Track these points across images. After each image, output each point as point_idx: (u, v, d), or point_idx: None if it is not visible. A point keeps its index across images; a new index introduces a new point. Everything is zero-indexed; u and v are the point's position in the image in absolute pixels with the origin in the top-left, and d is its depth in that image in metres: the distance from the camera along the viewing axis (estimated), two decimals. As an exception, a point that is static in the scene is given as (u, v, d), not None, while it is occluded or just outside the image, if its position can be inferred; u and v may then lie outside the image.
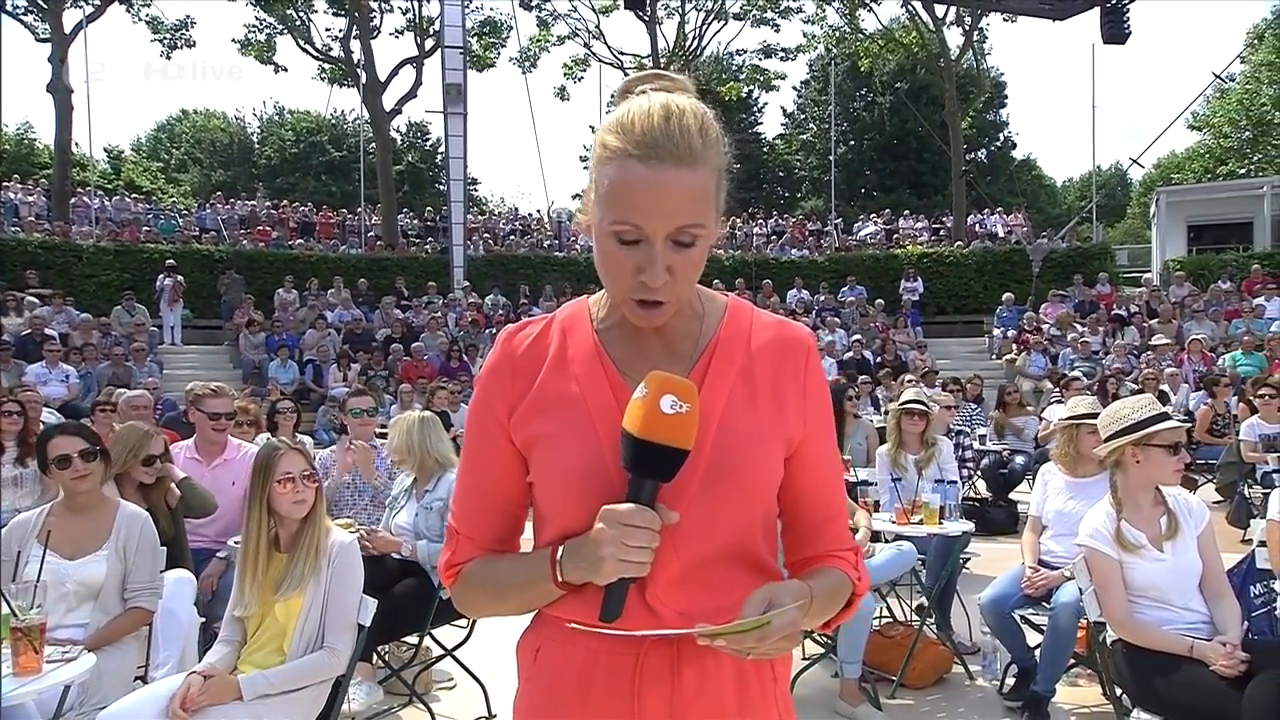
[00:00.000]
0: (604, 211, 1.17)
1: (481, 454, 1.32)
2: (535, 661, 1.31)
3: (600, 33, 25.89)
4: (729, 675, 1.26)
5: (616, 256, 1.18)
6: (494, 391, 1.30)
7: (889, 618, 4.98)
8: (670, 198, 1.14)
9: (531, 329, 1.33)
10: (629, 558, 1.12)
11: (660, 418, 1.12)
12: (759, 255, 21.98)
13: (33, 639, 2.51)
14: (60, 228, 20.05)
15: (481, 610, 1.37)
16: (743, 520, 1.25)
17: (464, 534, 1.35)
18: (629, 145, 1.15)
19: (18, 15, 23.01)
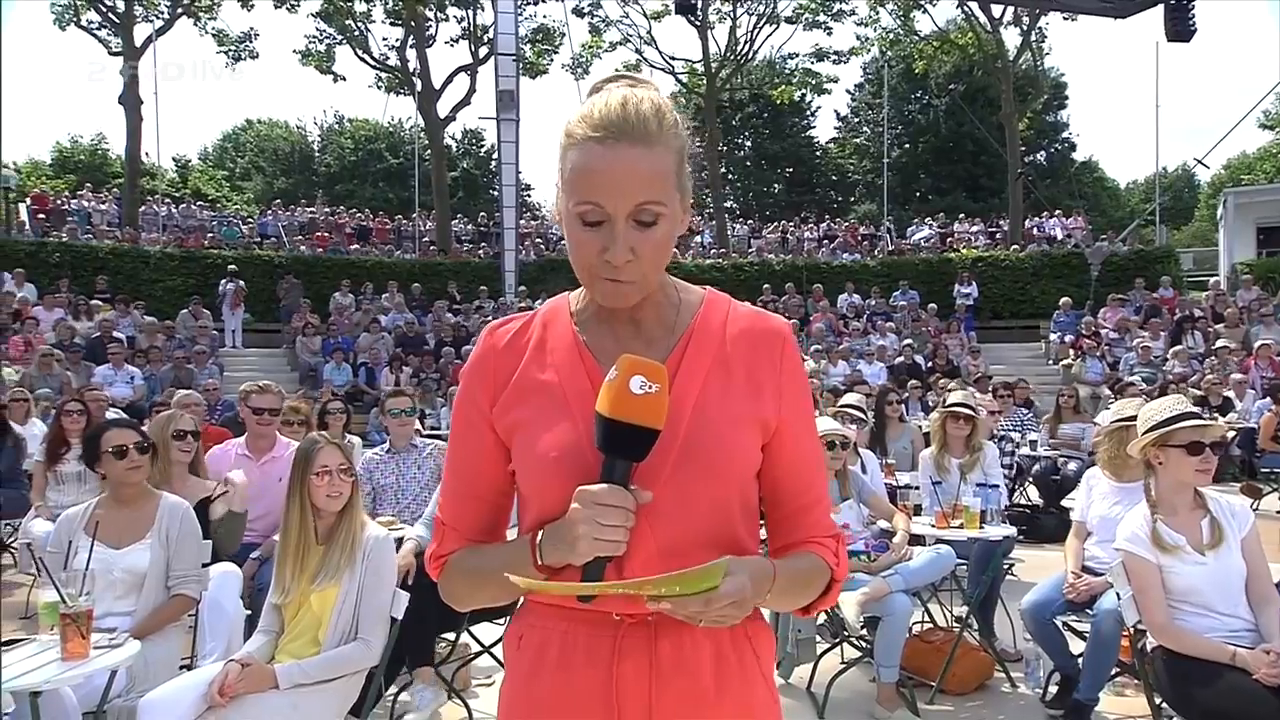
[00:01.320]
0: (568, 196, 1.22)
1: (465, 445, 1.36)
2: (519, 649, 1.35)
3: (652, 38, 26.04)
4: (707, 654, 1.27)
5: (581, 239, 1.22)
6: (476, 383, 1.34)
7: (929, 622, 4.91)
8: (629, 176, 1.18)
9: (513, 324, 1.37)
10: (603, 536, 1.14)
11: (629, 398, 1.15)
12: (810, 260, 21.84)
13: (80, 625, 2.62)
14: (129, 235, 20.75)
15: (468, 599, 1.38)
16: (718, 502, 1.26)
17: (450, 525, 1.38)
18: (588, 129, 1.20)
19: (92, 30, 23.89)
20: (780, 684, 4.55)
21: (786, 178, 41.84)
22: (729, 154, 42.10)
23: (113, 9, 23.30)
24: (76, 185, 29.43)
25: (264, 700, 2.72)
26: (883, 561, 4.29)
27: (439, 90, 24.25)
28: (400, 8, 24.53)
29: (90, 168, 37.82)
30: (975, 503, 4.49)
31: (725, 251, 23.14)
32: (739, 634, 1.31)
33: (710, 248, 23.89)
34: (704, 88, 26.04)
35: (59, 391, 10.59)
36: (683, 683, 1.26)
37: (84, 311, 15.64)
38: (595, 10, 26.17)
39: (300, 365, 15.77)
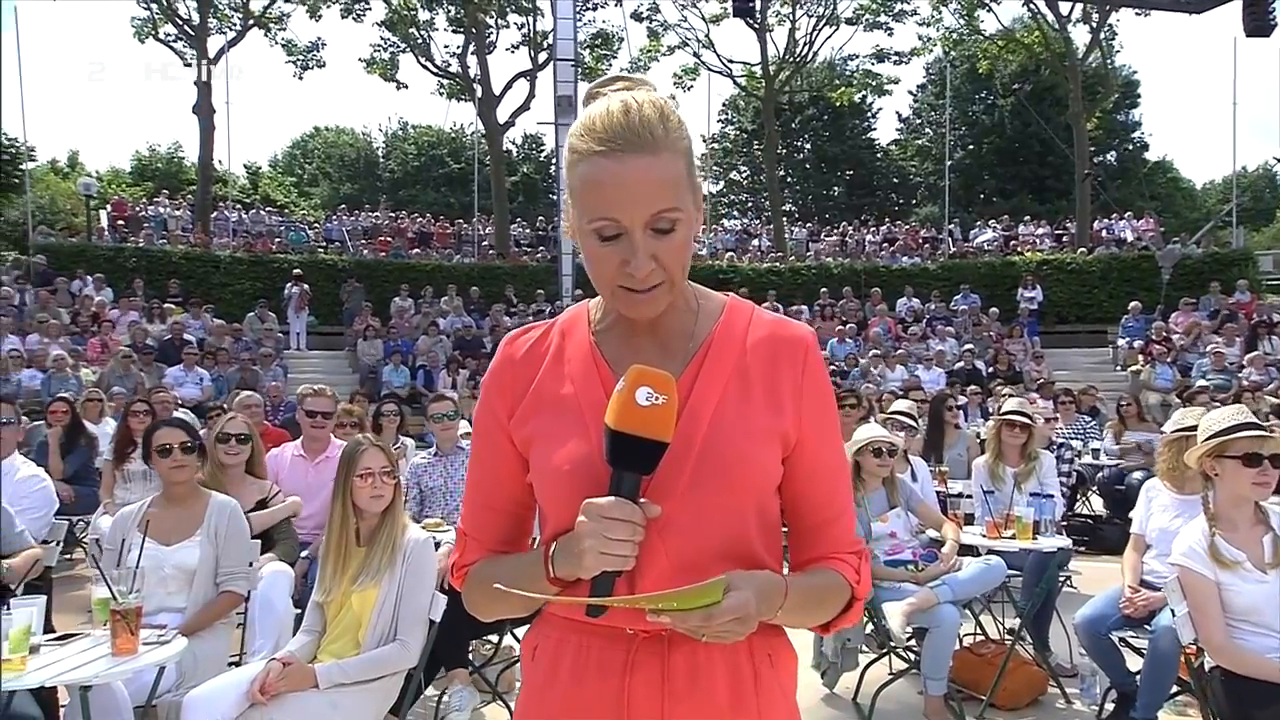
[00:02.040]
0: (581, 212, 1.20)
1: (485, 456, 1.37)
2: (533, 659, 1.34)
3: (710, 42, 25.93)
4: (721, 669, 1.25)
5: (600, 254, 1.20)
6: (494, 393, 1.34)
7: (980, 634, 4.81)
8: (640, 186, 1.16)
9: (532, 333, 1.36)
10: (610, 550, 1.12)
11: (635, 410, 1.13)
12: (868, 263, 21.55)
13: (130, 621, 2.69)
14: (201, 240, 21.40)
15: (487, 610, 1.37)
16: (734, 517, 1.23)
17: (471, 535, 1.38)
18: (593, 143, 1.18)
19: (169, 42, 24.71)
20: (825, 693, 4.50)
21: (847, 180, 41.35)
22: (788, 157, 41.78)
23: (188, 21, 24.07)
24: (153, 192, 30.46)
25: (304, 699, 2.77)
26: (930, 571, 4.20)
27: (499, 96, 24.55)
28: (462, 15, 24.90)
29: (167, 175, 39.08)
30: (1028, 513, 4.37)
31: (782, 255, 22.96)
32: (757, 648, 1.27)
33: (768, 251, 23.72)
34: (762, 90, 25.89)
35: (133, 392, 10.94)
36: (696, 698, 1.24)
37: (157, 314, 16.16)
38: (654, 15, 26.23)
39: (361, 367, 16.07)
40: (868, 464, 4.36)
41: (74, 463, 7.39)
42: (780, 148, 40.27)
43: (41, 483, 4.12)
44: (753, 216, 35.99)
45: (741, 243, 25.03)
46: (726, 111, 40.57)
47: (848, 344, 15.55)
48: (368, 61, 26.57)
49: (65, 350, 12.87)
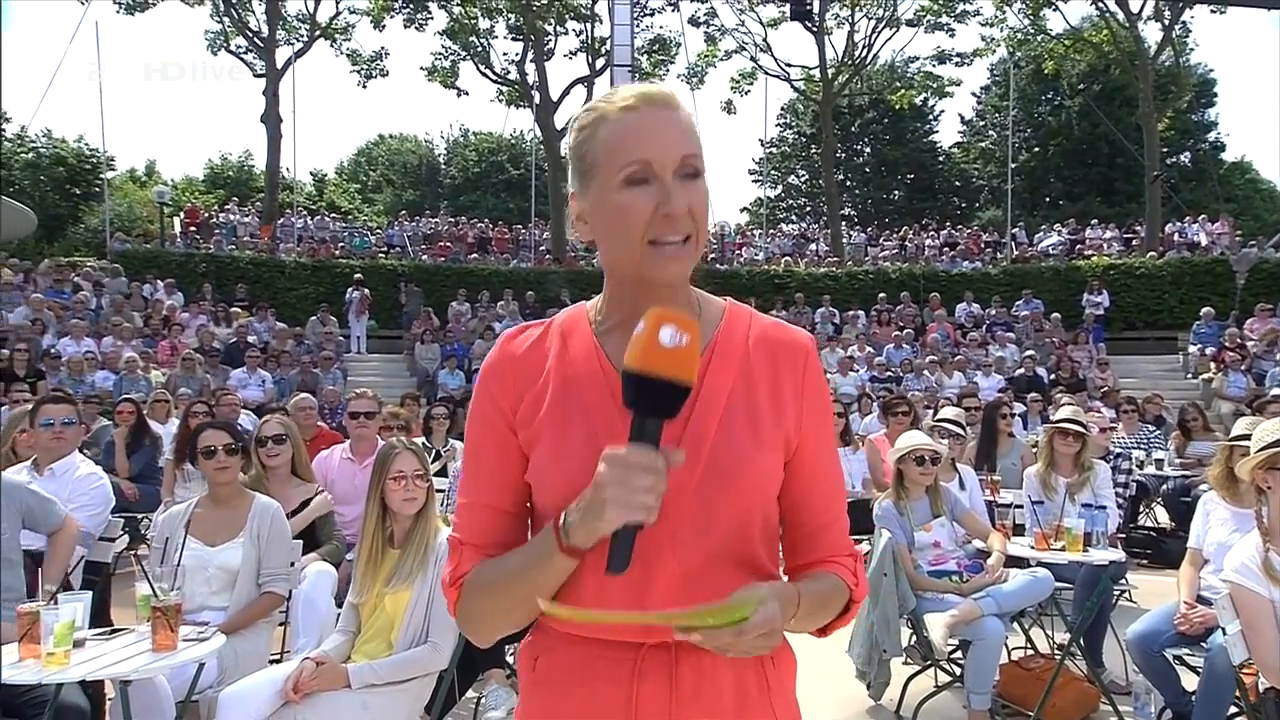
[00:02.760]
0: (608, 167, 1.19)
1: (486, 453, 1.30)
2: (534, 670, 1.31)
3: (767, 45, 25.85)
4: (727, 679, 1.24)
5: (629, 202, 1.17)
6: (496, 390, 1.29)
7: (1030, 648, 4.68)
8: (670, 130, 1.18)
9: (531, 332, 1.33)
10: (633, 500, 1.05)
11: (658, 350, 1.07)
12: (927, 268, 21.20)
13: (170, 618, 2.76)
14: (268, 245, 21.97)
15: (486, 621, 1.26)
16: (740, 522, 1.24)
17: (469, 542, 1.29)
18: (617, 106, 1.20)
19: (240, 54, 25.46)
20: (869, 705, 4.43)
21: (907, 184, 40.75)
22: (847, 161, 41.34)
23: (258, 34, 24.77)
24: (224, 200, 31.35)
25: (336, 698, 2.82)
26: (975, 583, 4.12)
27: (556, 102, 24.77)
28: (521, 23, 25.19)
29: (238, 183, 40.19)
30: (1078, 524, 4.25)
31: (839, 260, 22.72)
32: (761, 668, 1.28)
33: (825, 256, 23.49)
34: (820, 94, 25.68)
35: (198, 393, 11.28)
36: (703, 704, 1.23)
37: (224, 318, 16.63)
38: (711, 19, 26.22)
39: (418, 371, 16.32)
40: (910, 472, 4.28)
41: (139, 462, 7.63)
42: (839, 151, 39.89)
43: (99, 480, 4.25)
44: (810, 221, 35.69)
45: (798, 247, 24.87)
46: (785, 115, 40.34)
47: (904, 349, 15.32)
48: (429, 70, 27.04)
49: (137, 352, 13.30)
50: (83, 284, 17.01)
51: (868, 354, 15.03)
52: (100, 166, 29.49)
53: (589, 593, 1.19)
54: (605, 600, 1.19)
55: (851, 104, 35.75)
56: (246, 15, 24.92)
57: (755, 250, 24.20)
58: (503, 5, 25.64)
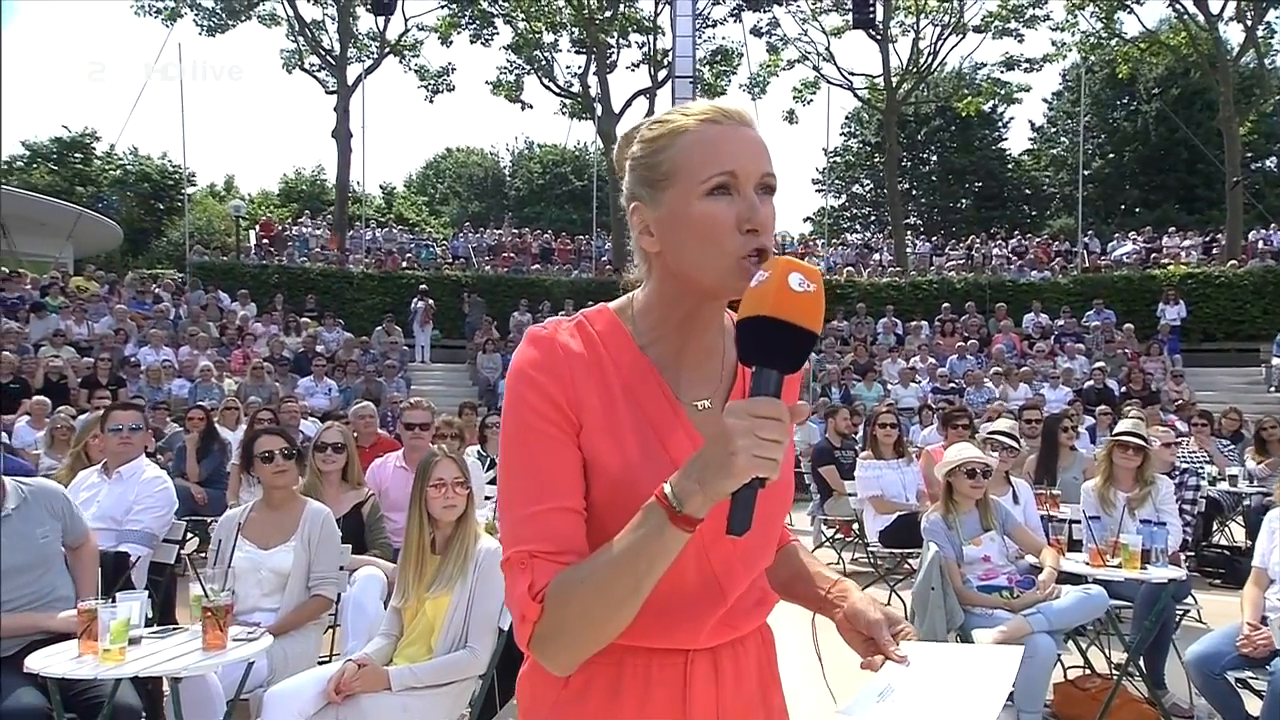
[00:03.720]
0: (690, 179, 1.17)
1: (549, 452, 1.18)
2: (567, 688, 1.24)
3: (830, 55, 25.65)
4: (753, 660, 1.34)
5: (715, 214, 1.16)
6: (551, 386, 1.19)
7: (1086, 668, 4.55)
8: (754, 145, 1.20)
9: (567, 335, 1.24)
10: (763, 452, 0.99)
11: (790, 294, 1.02)
12: (994, 277, 20.77)
13: (219, 618, 2.86)
14: (337, 257, 22.55)
15: (585, 625, 1.12)
16: (778, 529, 1.36)
17: (541, 553, 1.14)
18: (697, 116, 1.21)
19: (313, 72, 26.20)
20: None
21: (975, 192, 39.99)
22: (913, 169, 40.77)
23: (330, 52, 25.48)
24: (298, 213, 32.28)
25: (376, 700, 2.88)
26: (1025, 599, 4.03)
27: (618, 114, 24.95)
28: (584, 37, 25.46)
29: (310, 196, 41.32)
30: (1135, 540, 4.13)
31: (903, 270, 22.40)
32: (765, 637, 1.39)
33: (888, 266, 23.18)
34: (884, 102, 25.40)
35: (267, 401, 11.62)
36: (741, 692, 1.30)
37: (294, 327, 17.11)
38: (773, 29, 26.14)
39: (480, 380, 16.55)
40: (960, 485, 4.21)
41: (208, 466, 7.90)
42: (905, 160, 39.37)
43: (163, 484, 4.41)
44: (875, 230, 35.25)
45: (862, 257, 24.58)
46: (849, 124, 39.99)
47: (967, 360, 15.02)
48: (494, 84, 27.47)
49: (211, 361, 13.76)
50: (163, 295, 17.67)
51: (930, 365, 14.78)
52: (182, 182, 30.58)
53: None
54: (684, 605, 1.21)
55: (917, 112, 35.30)
56: (320, 34, 25.66)
57: (817, 260, 23.97)
58: (566, 19, 25.96)
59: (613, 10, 24.79)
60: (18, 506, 3.24)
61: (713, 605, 1.23)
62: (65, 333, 14.32)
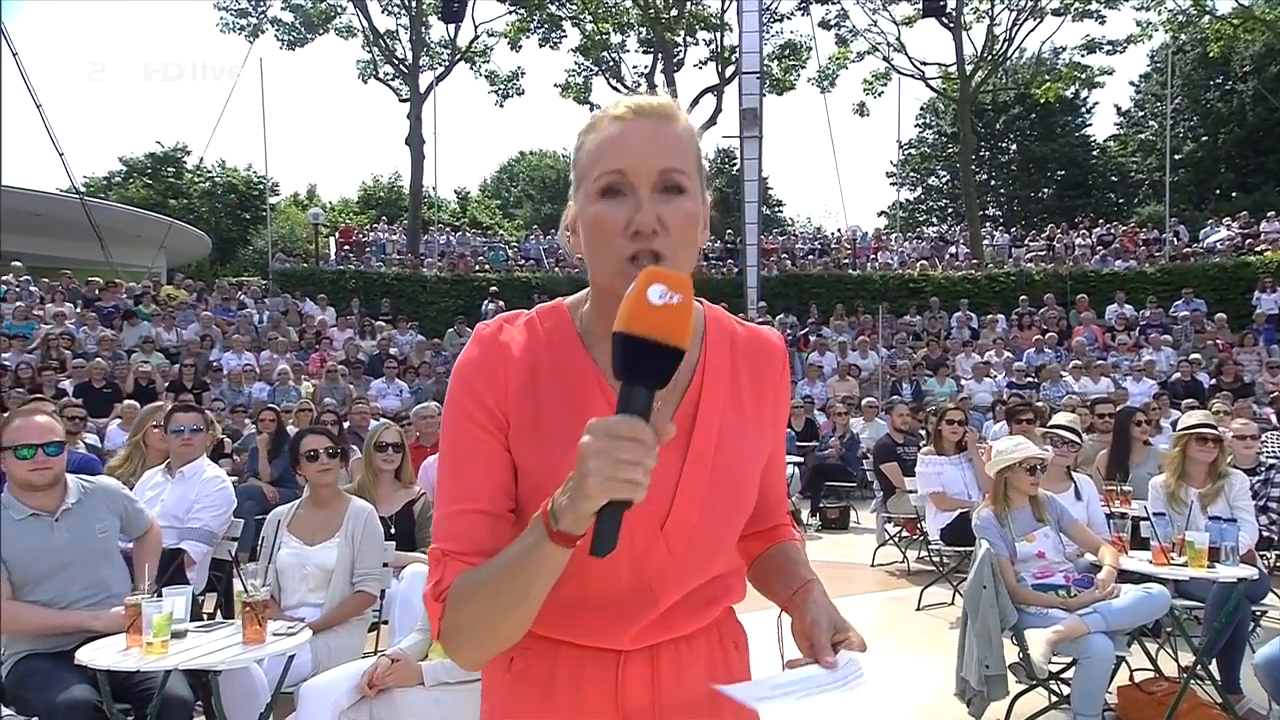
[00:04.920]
0: (588, 178, 1.16)
1: (475, 453, 1.20)
2: (509, 670, 1.26)
3: (901, 45, 25.15)
4: (702, 664, 1.28)
5: (603, 215, 1.14)
6: (482, 387, 1.20)
7: (1154, 670, 4.36)
8: (652, 142, 1.15)
9: (509, 329, 1.25)
10: (618, 474, 0.96)
11: (647, 308, 0.98)
12: (1075, 268, 20.07)
13: (258, 613, 2.94)
14: (412, 261, 23.04)
15: (478, 629, 1.14)
16: (735, 530, 1.30)
17: (453, 552, 1.17)
18: (610, 115, 1.18)
19: (387, 81, 26.83)
20: (971, 725, 4.23)
21: (1057, 181, 38.72)
22: (991, 159, 39.72)
23: (403, 61, 26.06)
24: (375, 219, 33.08)
25: (410, 694, 2.92)
26: (1082, 598, 3.87)
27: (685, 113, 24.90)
28: (651, 36, 25.50)
29: (388, 203, 42.29)
30: (1202, 538, 3.94)
31: (979, 262, 21.82)
32: (725, 636, 1.33)
33: (964, 259, 22.61)
34: (958, 92, 24.79)
35: (342, 403, 11.93)
36: (683, 693, 1.26)
37: (369, 331, 17.53)
38: (842, 22, 25.76)
39: (549, 380, 16.67)
40: (1016, 480, 4.09)
41: (279, 466, 8.14)
42: (983, 150, 38.37)
43: (222, 484, 4.56)
44: (952, 223, 34.45)
45: (937, 250, 24.03)
46: (924, 115, 39.16)
47: (1045, 354, 14.54)
48: (563, 86, 27.71)
49: (290, 365, 14.18)
50: (247, 301, 18.30)
51: (1005, 359, 14.36)
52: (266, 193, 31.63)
53: (570, 602, 1.17)
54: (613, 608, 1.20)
55: (995, 100, 34.37)
56: (393, 44, 26.26)
57: (890, 254, 23.53)
58: (634, 19, 26.04)
59: (679, 8, 24.75)
60: (78, 501, 3.37)
61: (643, 610, 1.21)
62: (155, 339, 14.93)
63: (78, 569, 3.25)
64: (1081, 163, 38.38)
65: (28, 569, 3.20)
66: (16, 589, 3.18)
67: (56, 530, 3.27)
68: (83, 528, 3.33)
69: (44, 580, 3.21)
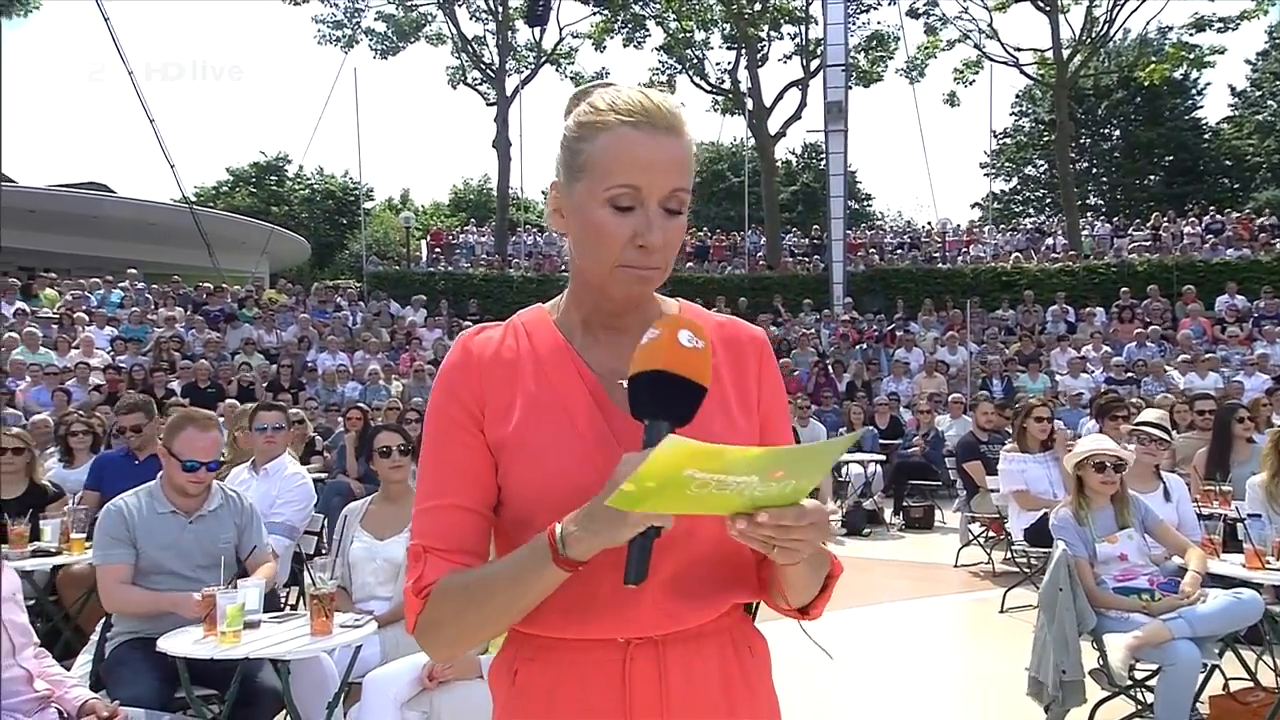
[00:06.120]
0: (597, 180, 1.17)
1: (455, 453, 1.23)
2: (514, 683, 1.25)
3: (993, 31, 24.35)
4: (714, 667, 1.24)
5: (610, 225, 1.17)
6: (462, 389, 1.24)
7: (1250, 680, 4.14)
8: (667, 160, 1.17)
9: (491, 333, 1.30)
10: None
11: (680, 350, 1.08)
12: (1182, 258, 19.13)
13: (325, 605, 3.04)
14: (499, 262, 23.47)
15: (458, 628, 1.18)
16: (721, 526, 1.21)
17: (435, 548, 1.20)
18: (623, 115, 1.17)
19: (475, 86, 27.38)
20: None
21: (1165, 167, 36.95)
22: (1093, 146, 38.21)
23: (490, 65, 26.55)
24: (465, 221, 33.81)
25: (468, 686, 2.99)
26: (1166, 603, 3.71)
27: (769, 107, 24.71)
28: (735, 32, 25.36)
29: (477, 205, 43.14)
30: (1296, 541, 3.72)
31: (1077, 253, 21.00)
32: (739, 641, 1.28)
33: (1062, 251, 21.78)
34: (1055, 78, 23.90)
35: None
36: (693, 698, 1.22)
37: (457, 331, 17.92)
38: (931, 9, 25.11)
39: (627, 378, 16.75)
40: (1090, 479, 3.93)
41: (365, 464, 8.40)
42: (1083, 137, 36.94)
43: (302, 479, 4.74)
44: (1050, 213, 33.27)
45: (1033, 242, 23.23)
46: (1019, 103, 37.90)
47: (1148, 348, 13.92)
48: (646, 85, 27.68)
49: (381, 365, 14.61)
50: (342, 304, 18.94)
51: (1104, 354, 13.81)
52: (361, 198, 32.65)
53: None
54: (590, 607, 1.19)
55: (1096, 85, 33.03)
56: (481, 49, 26.78)
57: (983, 247, 22.85)
58: (717, 16, 25.93)
59: (764, 3, 24.54)
60: (215, 509, 3.53)
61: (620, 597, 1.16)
62: (256, 341, 15.58)
63: (190, 571, 3.38)
64: (1191, 147, 36.53)
65: (149, 560, 3.38)
66: (134, 575, 3.37)
67: (187, 531, 3.45)
68: (210, 535, 3.47)
69: (155, 574, 3.38)
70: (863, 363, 15.16)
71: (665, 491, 1.00)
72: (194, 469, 3.43)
